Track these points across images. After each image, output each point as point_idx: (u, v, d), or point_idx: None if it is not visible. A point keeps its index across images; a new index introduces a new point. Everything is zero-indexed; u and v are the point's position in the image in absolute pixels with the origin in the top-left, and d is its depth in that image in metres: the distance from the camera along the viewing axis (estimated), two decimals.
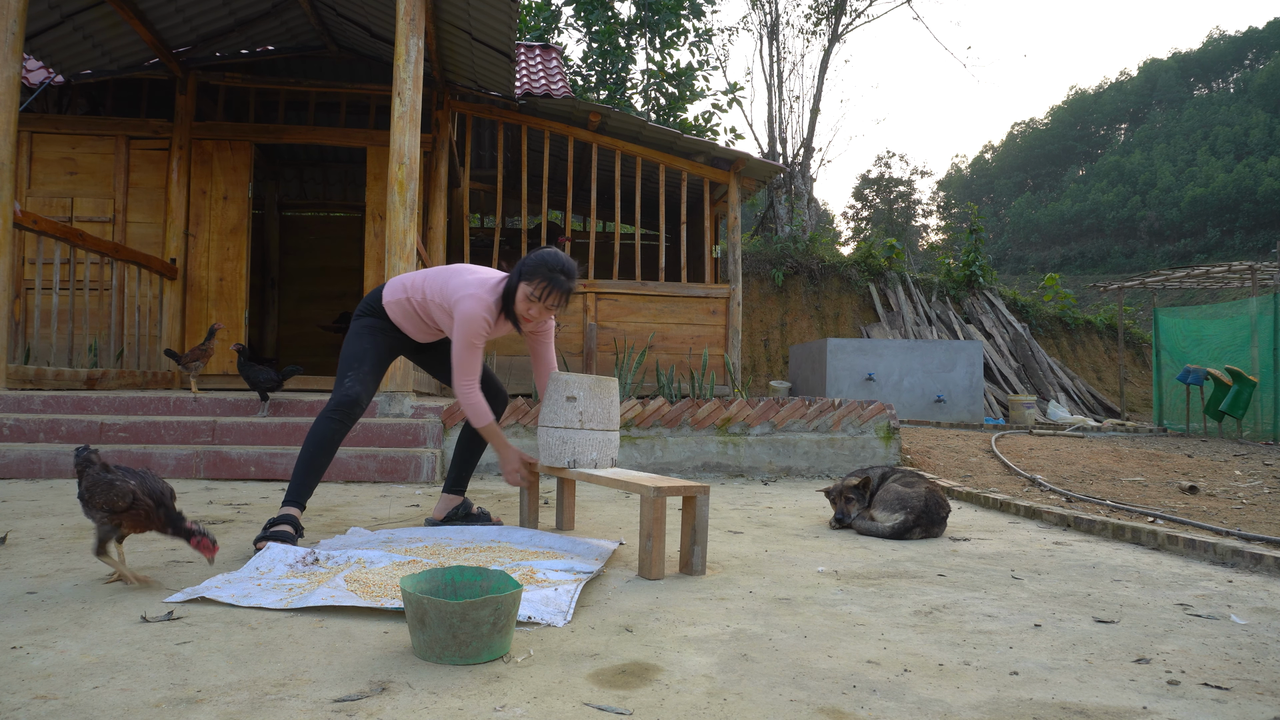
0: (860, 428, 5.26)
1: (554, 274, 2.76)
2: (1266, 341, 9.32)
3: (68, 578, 2.21)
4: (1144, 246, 54.41)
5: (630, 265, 10.86)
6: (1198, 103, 66.47)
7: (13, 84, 4.97)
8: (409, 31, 5.04)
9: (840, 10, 19.91)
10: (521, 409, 4.96)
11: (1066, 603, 2.23)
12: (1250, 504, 4.01)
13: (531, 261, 2.77)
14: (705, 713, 1.42)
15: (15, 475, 4.18)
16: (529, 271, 2.76)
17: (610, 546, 2.64)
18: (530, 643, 1.76)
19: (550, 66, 10.11)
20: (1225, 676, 1.66)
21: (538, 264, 2.77)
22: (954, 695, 1.53)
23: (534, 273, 2.75)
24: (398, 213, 5.04)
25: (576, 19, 16.72)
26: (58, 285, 5.55)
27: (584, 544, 2.63)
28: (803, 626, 1.95)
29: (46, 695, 1.41)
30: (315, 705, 1.40)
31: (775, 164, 8.60)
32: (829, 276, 14.27)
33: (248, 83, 7.74)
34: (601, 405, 2.87)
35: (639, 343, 7.74)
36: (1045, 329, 14.48)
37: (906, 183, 49.15)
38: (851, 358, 9.42)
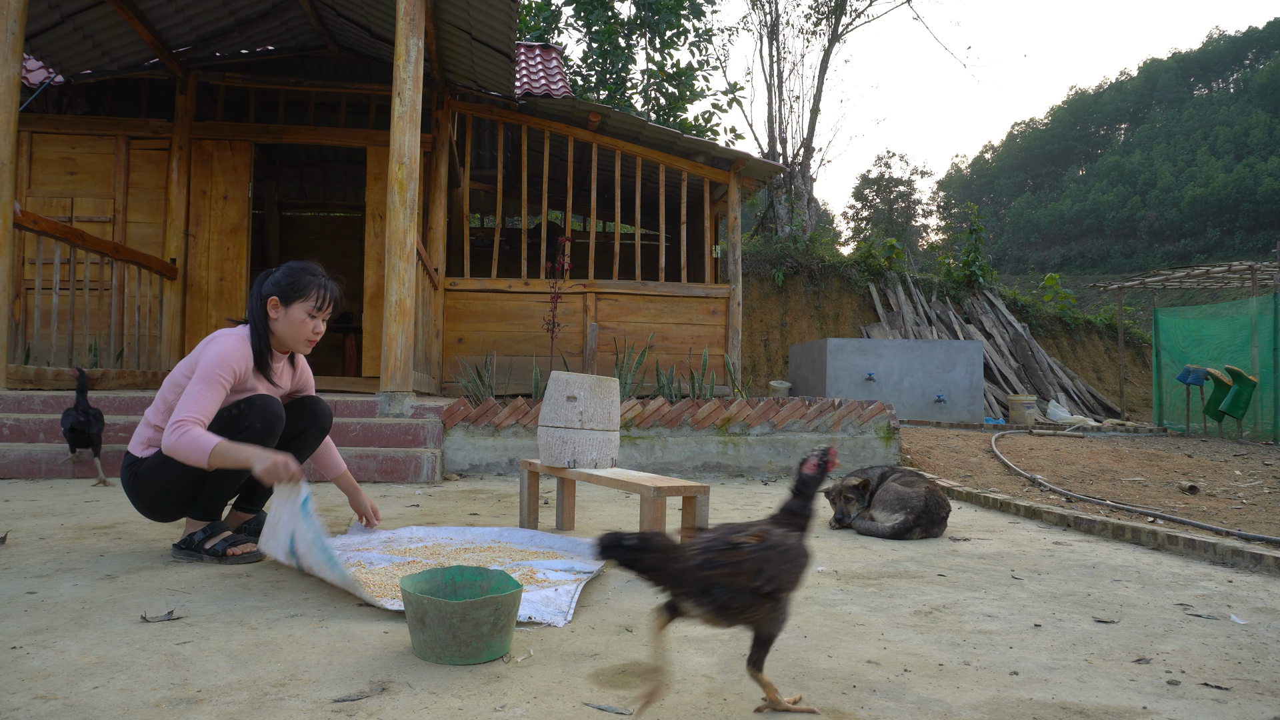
0: (860, 428, 5.26)
1: (317, 277, 2.49)
2: (1266, 341, 9.32)
3: (68, 578, 2.21)
4: (1144, 246, 54.41)
5: (630, 265, 10.86)
6: (1198, 103, 66.47)
7: (13, 84, 4.96)
8: (409, 31, 5.04)
9: (840, 10, 19.91)
10: (522, 409, 4.96)
11: (1066, 603, 2.23)
12: (1250, 504, 4.01)
13: (284, 280, 2.45)
14: (705, 713, 1.42)
15: (15, 475, 4.18)
16: (290, 289, 2.44)
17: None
18: (530, 643, 1.76)
19: (550, 66, 10.11)
20: (1225, 676, 1.66)
21: (294, 275, 2.46)
22: (954, 695, 1.53)
23: (298, 286, 2.44)
24: (398, 213, 5.04)
25: (576, 19, 16.72)
26: (58, 285, 5.55)
27: (584, 544, 2.63)
28: (803, 626, 1.95)
29: (46, 695, 1.41)
30: (315, 705, 1.40)
31: (775, 164, 8.60)
32: (829, 276, 14.27)
33: (248, 83, 7.74)
34: (602, 405, 2.87)
35: (639, 343, 7.74)
36: (1045, 329, 14.48)
37: (906, 183, 49.18)
38: (851, 358, 9.42)
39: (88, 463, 4.20)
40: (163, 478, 2.38)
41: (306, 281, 2.47)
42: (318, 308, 2.48)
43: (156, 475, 2.38)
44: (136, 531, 2.89)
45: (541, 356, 7.60)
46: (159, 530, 2.92)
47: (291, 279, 2.47)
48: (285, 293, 2.45)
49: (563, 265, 7.44)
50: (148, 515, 2.49)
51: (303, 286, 2.46)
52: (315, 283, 2.48)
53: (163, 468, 2.37)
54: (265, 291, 2.47)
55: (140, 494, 2.43)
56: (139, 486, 2.42)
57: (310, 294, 2.46)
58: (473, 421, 4.91)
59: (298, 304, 2.46)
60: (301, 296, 2.46)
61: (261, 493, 2.68)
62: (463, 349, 7.64)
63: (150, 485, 2.40)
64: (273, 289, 2.46)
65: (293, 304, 2.45)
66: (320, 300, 2.48)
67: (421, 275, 6.01)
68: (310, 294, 2.46)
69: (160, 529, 2.94)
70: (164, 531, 2.89)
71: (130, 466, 2.44)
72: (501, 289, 7.75)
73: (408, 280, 5.03)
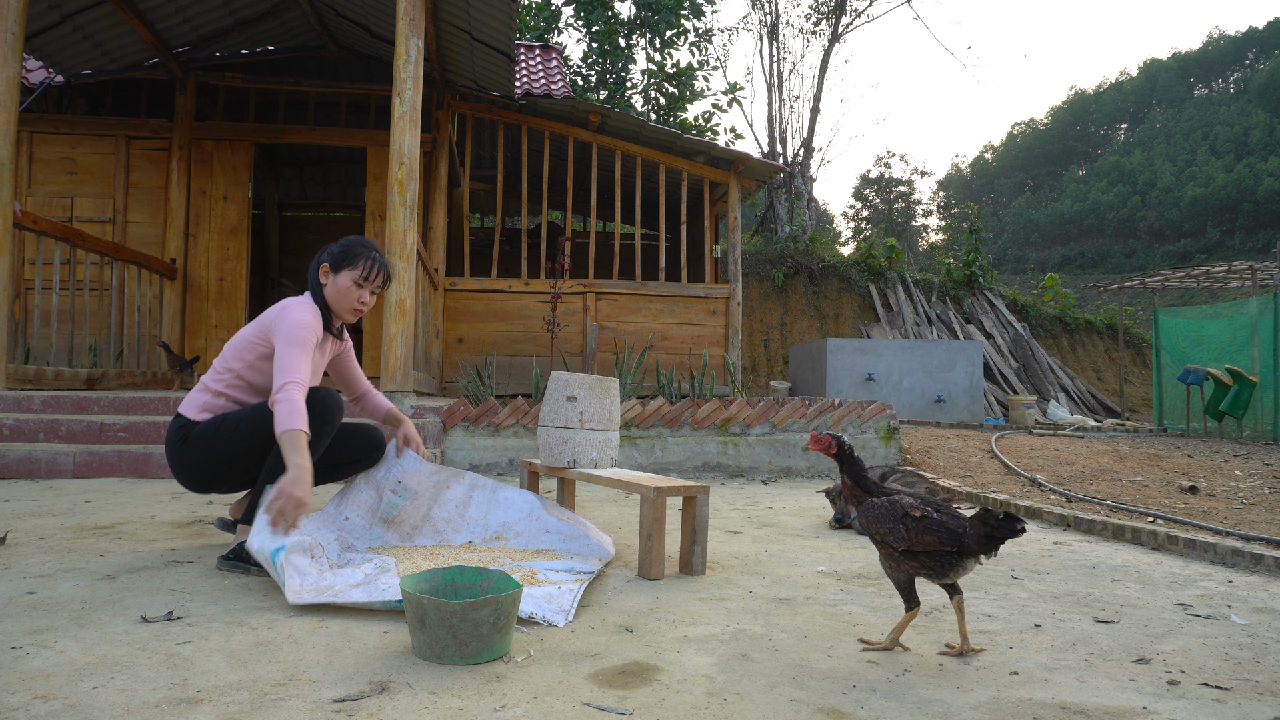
0: (860, 428, 5.26)
1: (369, 249, 2.55)
2: (1266, 341, 9.32)
3: (68, 578, 2.21)
4: (1144, 246, 54.42)
5: (630, 265, 10.86)
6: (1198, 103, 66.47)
7: (13, 84, 4.96)
8: (409, 31, 5.04)
9: (840, 10, 19.91)
10: (522, 409, 4.96)
11: (1066, 603, 2.23)
12: (1250, 504, 4.01)
13: (337, 249, 2.54)
14: (705, 713, 1.41)
15: (15, 475, 4.18)
16: (342, 256, 2.52)
17: (609, 547, 2.63)
18: (530, 643, 1.76)
19: (550, 66, 10.11)
20: (1225, 676, 1.66)
21: (348, 245, 2.55)
22: (954, 695, 1.53)
23: (349, 254, 2.52)
24: (398, 213, 5.04)
25: (576, 19, 16.72)
26: (58, 285, 5.55)
27: (583, 540, 2.63)
28: (803, 626, 1.95)
29: (46, 695, 1.41)
30: (315, 705, 1.40)
31: (775, 164, 8.60)
32: (829, 276, 14.27)
33: (248, 83, 7.74)
34: (602, 405, 2.87)
35: (639, 343, 7.74)
36: (1045, 329, 14.48)
37: (906, 183, 49.15)
38: (851, 358, 9.42)
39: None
40: (213, 446, 2.38)
41: (357, 251, 2.54)
42: (365, 277, 2.52)
43: (208, 440, 2.38)
44: (136, 531, 2.89)
45: (541, 356, 7.60)
46: (159, 530, 2.92)
47: (344, 247, 2.55)
48: (336, 260, 2.52)
49: (563, 265, 7.44)
50: (184, 480, 2.45)
51: (353, 255, 2.53)
52: (365, 254, 2.54)
53: (216, 433, 2.37)
54: (320, 259, 2.55)
55: (185, 457, 2.40)
56: (187, 449, 2.39)
57: (359, 263, 2.52)
58: (473, 421, 4.91)
59: (345, 271, 2.51)
60: (350, 264, 2.52)
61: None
62: (463, 349, 7.64)
63: (199, 449, 2.39)
64: (325, 256, 2.55)
65: (341, 271, 2.51)
66: (367, 270, 2.52)
67: (421, 275, 6.01)
68: (359, 263, 2.52)
69: (161, 529, 2.94)
70: (164, 531, 2.89)
71: (182, 429, 2.42)
72: (501, 289, 7.75)
73: (408, 280, 5.03)
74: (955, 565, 1.72)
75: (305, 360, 2.33)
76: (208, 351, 7.44)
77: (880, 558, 1.83)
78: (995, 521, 1.68)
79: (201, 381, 2.50)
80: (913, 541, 1.72)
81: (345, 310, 2.56)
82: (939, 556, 1.72)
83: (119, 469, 4.30)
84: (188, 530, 2.93)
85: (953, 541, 1.70)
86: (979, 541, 1.70)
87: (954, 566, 1.72)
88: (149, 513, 3.28)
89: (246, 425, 2.37)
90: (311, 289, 2.56)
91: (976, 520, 1.72)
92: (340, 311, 2.56)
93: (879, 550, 1.82)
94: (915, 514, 1.73)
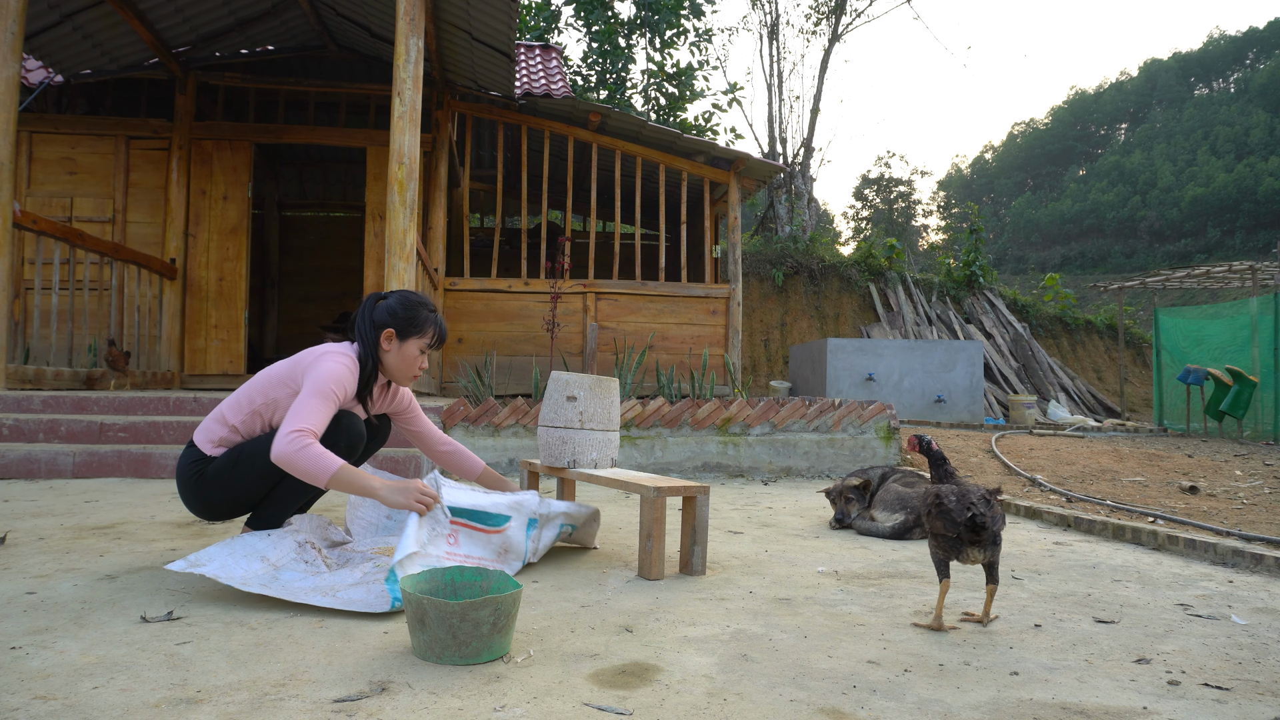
0: (860, 428, 5.26)
1: (434, 313, 2.47)
2: (1267, 341, 9.31)
3: (67, 578, 2.21)
4: (1144, 246, 54.43)
5: (630, 265, 10.86)
6: (1198, 103, 66.48)
7: (12, 84, 4.96)
8: (409, 31, 5.04)
9: (840, 10, 19.91)
10: (521, 409, 4.96)
11: (1066, 603, 2.23)
12: (1250, 504, 4.01)
13: (403, 313, 2.41)
14: (705, 713, 1.41)
15: (15, 475, 4.18)
16: (409, 323, 2.40)
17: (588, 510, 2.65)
18: (530, 643, 1.76)
19: (550, 66, 10.11)
20: (1226, 677, 1.66)
21: (413, 309, 2.42)
22: (954, 695, 1.53)
23: (417, 321, 2.41)
24: (398, 213, 5.04)
25: (576, 19, 16.71)
26: (57, 285, 5.55)
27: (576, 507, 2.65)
28: (803, 626, 1.95)
29: (46, 695, 1.41)
30: (315, 705, 1.40)
31: (775, 164, 8.60)
32: (829, 276, 14.27)
33: (247, 83, 7.74)
34: (602, 405, 2.87)
35: (639, 343, 7.74)
36: (1045, 329, 14.48)
37: (906, 183, 49.18)
38: (851, 358, 9.42)
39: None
40: (232, 480, 2.29)
41: (425, 317, 2.43)
42: (431, 345, 2.45)
43: (225, 478, 2.29)
44: (136, 531, 2.89)
45: (541, 356, 7.60)
46: (159, 530, 2.92)
47: (410, 313, 2.41)
48: (403, 327, 2.40)
49: (563, 265, 7.44)
50: (196, 512, 2.38)
51: (421, 322, 2.42)
52: (432, 319, 2.44)
53: (233, 470, 2.28)
54: (380, 320, 2.40)
55: (201, 493, 2.32)
56: (202, 485, 2.31)
57: (427, 331, 2.43)
58: (472, 421, 4.91)
59: (414, 339, 2.42)
60: (419, 333, 2.42)
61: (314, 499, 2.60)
62: (462, 349, 7.64)
63: (216, 486, 2.30)
64: (389, 320, 2.40)
65: (409, 339, 2.41)
66: (435, 338, 2.45)
67: (421, 275, 6.01)
68: (427, 331, 2.43)
69: (161, 529, 2.94)
70: (164, 531, 2.89)
71: (196, 463, 2.32)
72: (501, 289, 7.75)
73: (407, 280, 5.03)
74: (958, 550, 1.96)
75: (326, 414, 2.22)
76: (208, 352, 7.44)
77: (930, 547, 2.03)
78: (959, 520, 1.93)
79: (220, 411, 2.37)
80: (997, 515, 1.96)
81: (406, 377, 2.47)
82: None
83: (119, 469, 4.30)
84: (188, 530, 2.93)
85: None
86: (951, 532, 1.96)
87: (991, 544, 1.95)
88: (149, 513, 3.28)
89: (264, 462, 2.28)
90: (365, 350, 2.39)
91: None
92: (401, 378, 2.47)
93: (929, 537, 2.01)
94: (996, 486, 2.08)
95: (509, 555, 2.40)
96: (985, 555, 1.93)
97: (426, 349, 2.45)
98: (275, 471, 2.29)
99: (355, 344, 2.43)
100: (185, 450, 2.37)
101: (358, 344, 2.41)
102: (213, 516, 2.40)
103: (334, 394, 2.24)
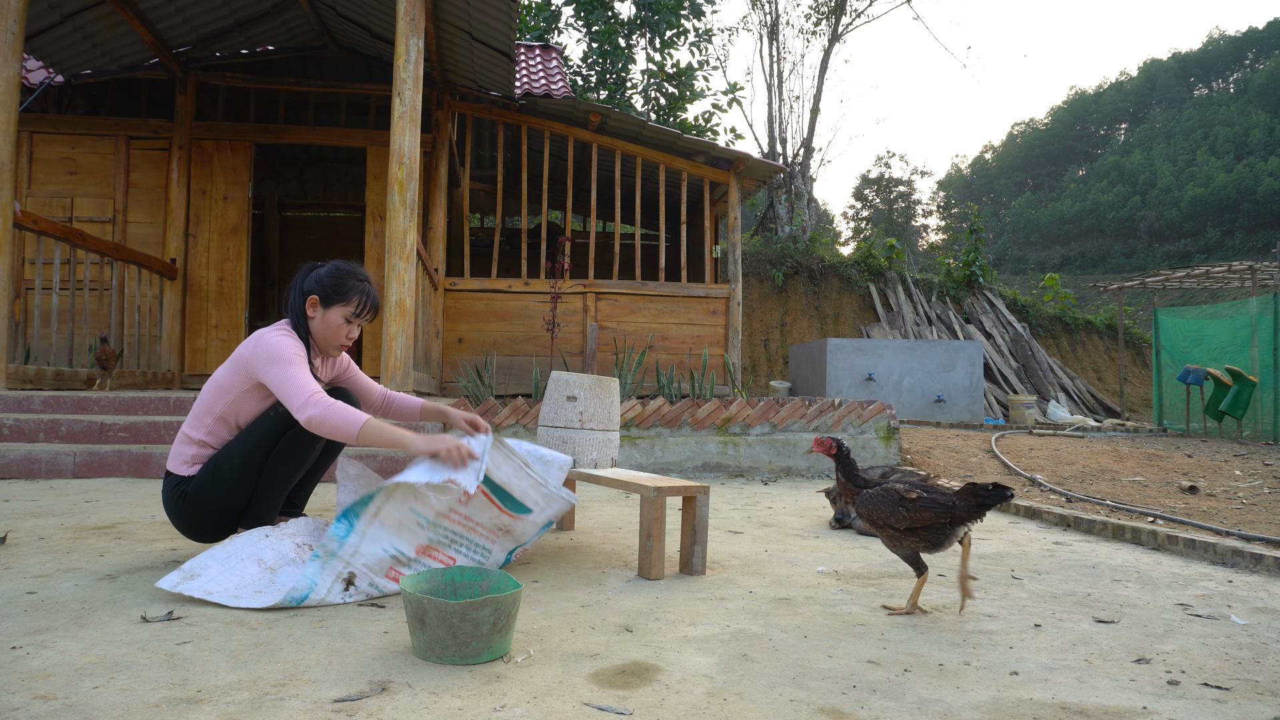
0: (860, 428, 5.26)
1: (363, 282, 2.41)
2: (1266, 341, 9.32)
3: (68, 578, 2.21)
4: (1144, 246, 54.43)
5: (630, 265, 10.86)
6: (1198, 103, 66.48)
7: (13, 84, 4.96)
8: (409, 31, 5.04)
9: (840, 10, 19.91)
10: (521, 409, 4.96)
11: (1066, 603, 2.23)
12: (1250, 504, 4.01)
13: (328, 280, 2.37)
14: (705, 713, 1.42)
15: (15, 475, 4.18)
16: (334, 290, 2.37)
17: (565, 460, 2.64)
18: (530, 643, 1.77)
19: (550, 66, 10.11)
20: (1225, 676, 1.66)
21: (340, 277, 2.38)
22: (954, 695, 1.53)
23: (342, 289, 2.38)
24: (398, 213, 5.04)
25: (576, 19, 16.72)
26: (58, 285, 5.55)
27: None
28: (803, 626, 1.95)
29: (46, 695, 1.41)
30: (315, 705, 1.40)
31: (775, 164, 8.60)
32: (829, 276, 14.27)
33: (248, 83, 7.74)
34: (602, 405, 2.87)
35: (639, 343, 7.74)
36: (1045, 329, 14.48)
37: (906, 183, 49.19)
38: (851, 358, 9.42)
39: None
40: (214, 490, 2.27)
41: (350, 285, 2.39)
42: (356, 313, 2.41)
43: (208, 489, 2.27)
44: (136, 531, 2.89)
45: (541, 356, 7.60)
46: (159, 530, 2.92)
47: (336, 280, 2.39)
48: (327, 293, 2.38)
49: (563, 265, 7.44)
50: (194, 536, 2.36)
51: (346, 290, 2.39)
52: (359, 288, 2.40)
53: (214, 475, 2.27)
54: (307, 287, 2.38)
55: (190, 514, 2.30)
56: (188, 506, 2.29)
57: (352, 299, 2.39)
58: None
59: (337, 307, 2.38)
60: (343, 300, 2.39)
61: (303, 495, 2.59)
62: (463, 349, 7.64)
63: (202, 502, 2.28)
64: (315, 286, 2.38)
65: (332, 306, 2.38)
66: (360, 306, 2.41)
67: (421, 275, 6.01)
68: (352, 299, 2.39)
69: (161, 529, 2.94)
70: (164, 531, 2.89)
71: (177, 487, 2.30)
72: (501, 289, 7.75)
73: (408, 280, 5.03)
74: (949, 535, 2.00)
75: (306, 374, 2.22)
76: (208, 352, 7.44)
77: (884, 540, 2.07)
78: (984, 491, 1.96)
79: (182, 432, 2.35)
80: (913, 519, 1.98)
81: (331, 346, 2.43)
82: (934, 529, 1.98)
83: (119, 469, 4.30)
84: None
85: (946, 514, 1.97)
86: (970, 510, 1.97)
87: (948, 537, 2.00)
88: (149, 513, 3.28)
89: (241, 458, 2.28)
90: (294, 317, 2.38)
91: (965, 492, 1.99)
92: (326, 347, 2.43)
93: (881, 534, 2.06)
94: (911, 495, 2.01)
95: (507, 538, 2.34)
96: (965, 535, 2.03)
97: (352, 318, 2.40)
98: (254, 464, 2.29)
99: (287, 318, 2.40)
100: (164, 481, 2.36)
101: (289, 314, 2.39)
102: (208, 535, 2.36)
103: (296, 355, 2.25)
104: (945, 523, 1.97)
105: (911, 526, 1.99)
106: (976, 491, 1.96)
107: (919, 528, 1.98)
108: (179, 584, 2.02)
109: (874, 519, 2.06)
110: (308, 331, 2.39)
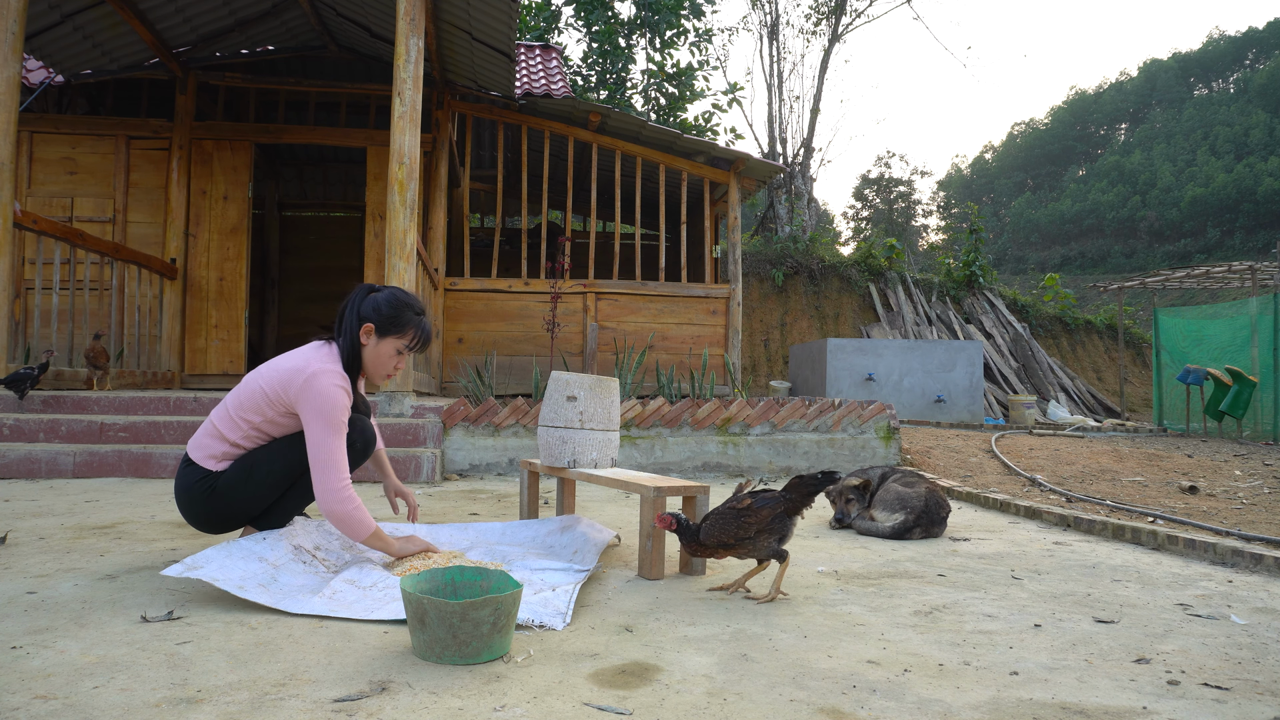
0: (860, 428, 5.26)
1: (420, 317, 2.39)
2: (1266, 341, 9.32)
3: (68, 578, 2.21)
4: (1144, 246, 54.41)
5: (630, 265, 10.86)
6: (1198, 103, 66.47)
7: (13, 84, 4.96)
8: (409, 31, 5.04)
9: (840, 10, 19.91)
10: (522, 409, 4.96)
11: (1066, 603, 2.23)
12: (1250, 504, 4.01)
13: (386, 309, 2.34)
14: (705, 713, 1.42)
15: (15, 475, 4.18)
16: (390, 322, 2.34)
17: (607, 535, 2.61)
18: (530, 643, 1.77)
19: (550, 66, 10.11)
20: (1225, 676, 1.66)
21: (398, 309, 2.35)
22: (954, 695, 1.53)
23: (399, 321, 2.34)
24: (398, 213, 5.04)
25: (576, 19, 16.72)
26: (58, 285, 5.55)
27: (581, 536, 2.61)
28: (803, 626, 1.95)
29: (46, 695, 1.41)
30: (315, 705, 1.40)
31: (775, 164, 8.60)
32: (829, 276, 14.27)
33: (248, 83, 7.74)
34: (602, 405, 2.87)
35: (639, 343, 7.74)
36: (1045, 329, 14.48)
37: (906, 183, 49.18)
38: (851, 358, 9.42)
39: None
40: (247, 490, 2.29)
41: (408, 319, 2.36)
42: (409, 346, 2.39)
43: (240, 487, 2.28)
44: (136, 531, 2.89)
45: (541, 356, 7.60)
46: (159, 530, 2.92)
47: (394, 311, 2.35)
48: (384, 324, 2.34)
49: (563, 265, 7.44)
50: (206, 528, 2.37)
51: (403, 323, 2.35)
52: (416, 321, 2.37)
53: (247, 479, 2.28)
54: (364, 314, 2.34)
55: (215, 507, 2.31)
56: (215, 500, 2.29)
57: (408, 332, 2.36)
58: (473, 421, 4.91)
59: (392, 338, 2.35)
60: (399, 332, 2.35)
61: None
62: (463, 349, 7.64)
63: (232, 499, 2.29)
64: (373, 315, 2.34)
65: (387, 337, 2.35)
66: (414, 340, 2.39)
67: (421, 275, 6.01)
68: (408, 332, 2.36)
69: (161, 529, 2.94)
70: (164, 531, 2.89)
71: (204, 480, 2.29)
72: (501, 289, 7.75)
73: (408, 280, 5.03)
74: (791, 523, 2.21)
75: (344, 450, 2.22)
76: (208, 352, 7.44)
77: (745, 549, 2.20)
78: (813, 480, 2.20)
79: (213, 425, 2.33)
80: (759, 522, 2.17)
81: (379, 375, 2.40)
82: (777, 520, 2.18)
83: (119, 469, 4.30)
84: (188, 530, 2.93)
85: (781, 504, 2.19)
86: (802, 498, 2.21)
87: (791, 524, 2.21)
88: (149, 512, 3.28)
89: (282, 466, 2.31)
90: (348, 342, 2.33)
91: (793, 485, 2.22)
92: (374, 376, 2.40)
93: (738, 550, 2.20)
94: (744, 504, 2.20)
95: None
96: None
97: (405, 350, 2.38)
98: (290, 475, 2.34)
99: (336, 340, 2.36)
100: (185, 468, 2.34)
101: (342, 336, 2.35)
102: (219, 528, 2.39)
103: (343, 423, 2.23)
104: (782, 512, 2.18)
105: (760, 528, 2.16)
106: (805, 482, 2.20)
107: (764, 527, 2.17)
108: (184, 571, 2.03)
109: (725, 540, 2.18)
110: (359, 358, 2.35)
